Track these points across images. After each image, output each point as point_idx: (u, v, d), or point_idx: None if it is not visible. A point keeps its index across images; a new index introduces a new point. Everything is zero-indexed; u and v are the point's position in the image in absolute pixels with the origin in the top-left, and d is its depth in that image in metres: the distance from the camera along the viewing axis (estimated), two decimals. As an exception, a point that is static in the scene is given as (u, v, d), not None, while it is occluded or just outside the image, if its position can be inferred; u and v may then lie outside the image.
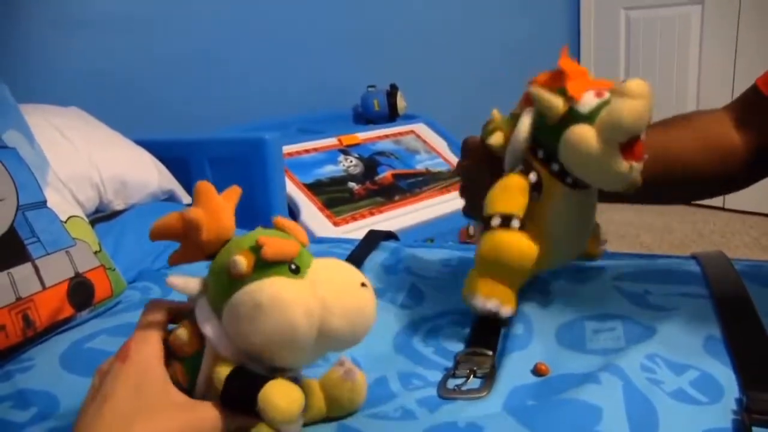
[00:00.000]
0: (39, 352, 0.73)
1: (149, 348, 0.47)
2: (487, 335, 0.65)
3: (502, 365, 0.60)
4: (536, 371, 0.59)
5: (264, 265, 0.45)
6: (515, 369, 0.59)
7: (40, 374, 0.67)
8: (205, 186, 0.50)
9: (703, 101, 2.90)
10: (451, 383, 0.58)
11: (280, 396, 0.44)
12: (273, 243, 0.46)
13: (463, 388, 0.57)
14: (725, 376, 0.55)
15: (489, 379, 0.58)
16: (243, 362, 0.47)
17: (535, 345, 0.64)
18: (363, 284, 0.48)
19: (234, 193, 0.52)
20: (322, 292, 0.46)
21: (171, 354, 0.49)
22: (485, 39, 2.72)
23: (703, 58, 2.86)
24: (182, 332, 0.48)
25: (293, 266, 0.46)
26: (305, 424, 0.51)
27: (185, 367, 0.48)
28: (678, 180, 0.80)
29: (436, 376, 0.61)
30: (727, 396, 0.52)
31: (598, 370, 0.55)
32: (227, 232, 0.50)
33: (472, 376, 0.59)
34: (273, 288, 0.45)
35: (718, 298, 0.68)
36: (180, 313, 0.51)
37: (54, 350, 0.72)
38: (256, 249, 0.45)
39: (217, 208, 0.50)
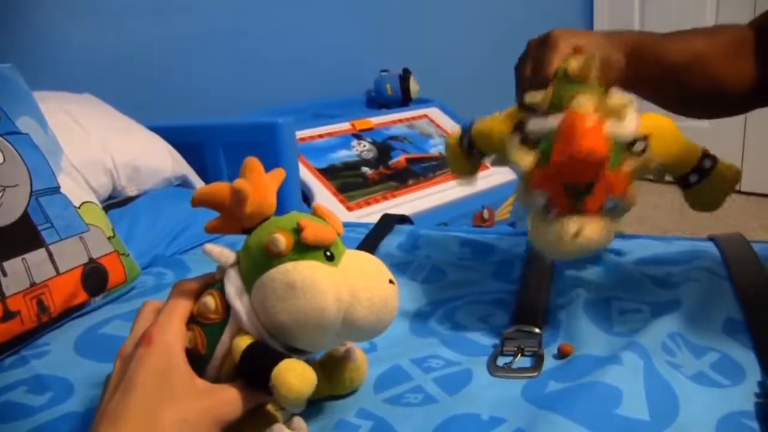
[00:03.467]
0: (54, 337, 0.73)
1: (172, 333, 0.47)
2: (532, 314, 0.66)
3: None
4: (560, 353, 0.58)
5: (302, 247, 0.47)
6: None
7: (55, 359, 0.68)
8: (253, 162, 0.51)
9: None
10: (501, 361, 0.58)
11: (294, 375, 0.44)
12: (314, 227, 0.47)
13: (513, 366, 0.57)
14: (746, 358, 0.54)
15: (539, 358, 0.58)
16: (264, 338, 0.47)
17: (561, 327, 0.64)
18: (390, 281, 0.49)
19: (279, 174, 0.54)
20: (352, 282, 0.47)
21: (192, 319, 0.49)
22: (499, 21, 2.69)
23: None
24: (210, 300, 0.48)
25: (329, 253, 0.48)
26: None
27: (206, 333, 0.48)
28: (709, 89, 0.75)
29: (453, 356, 0.61)
30: (749, 379, 0.51)
31: (620, 350, 0.55)
32: (269, 209, 0.51)
33: (520, 354, 0.59)
34: (309, 270, 0.46)
35: (737, 280, 0.68)
36: (206, 286, 0.51)
37: (68, 336, 0.72)
38: (297, 230, 0.47)
39: (263, 184, 0.50)
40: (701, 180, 0.65)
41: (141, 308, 0.52)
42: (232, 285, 0.48)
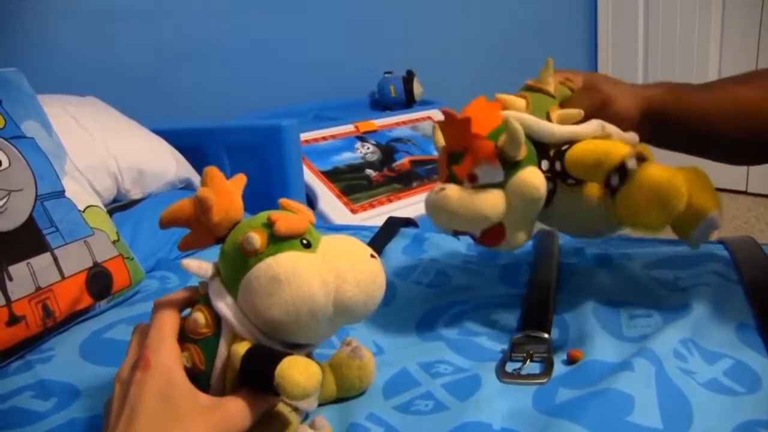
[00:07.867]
0: (59, 342, 0.72)
1: (167, 352, 0.46)
2: (541, 319, 0.65)
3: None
4: (569, 358, 0.58)
5: (277, 241, 0.47)
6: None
7: (60, 364, 0.67)
8: (213, 170, 0.51)
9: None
10: (509, 367, 0.58)
11: (298, 371, 0.43)
12: (285, 218, 0.47)
13: (522, 372, 0.57)
14: (761, 364, 0.53)
15: (548, 364, 0.57)
16: (259, 340, 0.47)
17: (570, 332, 0.63)
18: (372, 256, 0.49)
19: (240, 179, 0.54)
20: (335, 264, 0.47)
21: (185, 338, 0.48)
22: (502, 22, 2.69)
23: (724, 39, 2.79)
24: (198, 315, 0.48)
25: (305, 241, 0.48)
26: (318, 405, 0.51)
27: (202, 349, 0.47)
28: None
29: (462, 361, 0.60)
30: (765, 386, 0.50)
31: (631, 356, 0.54)
32: (237, 213, 0.51)
33: (529, 360, 0.58)
34: (289, 260, 0.46)
35: (749, 283, 0.67)
36: (191, 301, 0.51)
37: (73, 340, 0.72)
38: (269, 225, 0.47)
39: (226, 190, 0.50)
40: (623, 183, 0.56)
41: (134, 331, 0.51)
42: (217, 295, 0.48)
